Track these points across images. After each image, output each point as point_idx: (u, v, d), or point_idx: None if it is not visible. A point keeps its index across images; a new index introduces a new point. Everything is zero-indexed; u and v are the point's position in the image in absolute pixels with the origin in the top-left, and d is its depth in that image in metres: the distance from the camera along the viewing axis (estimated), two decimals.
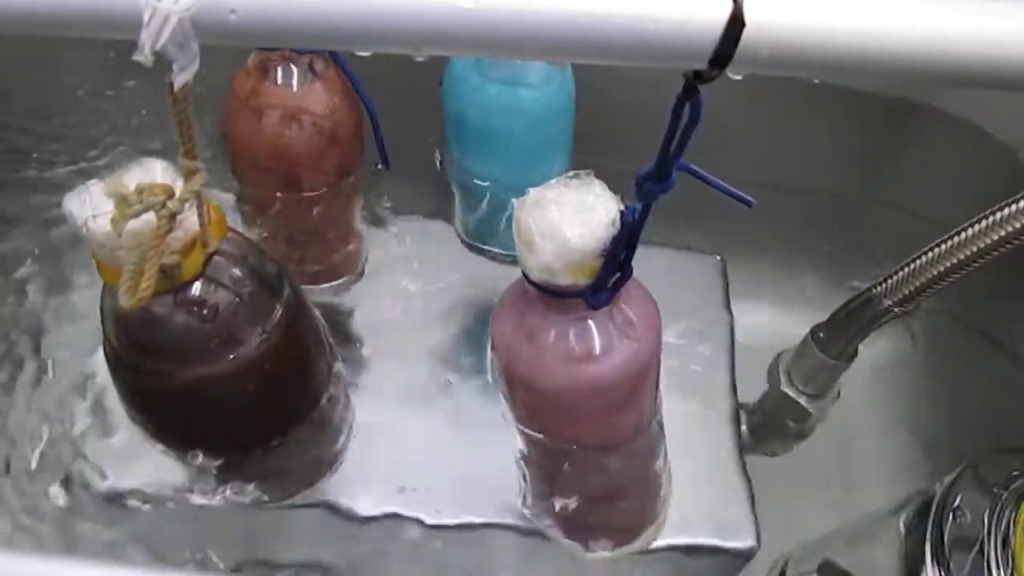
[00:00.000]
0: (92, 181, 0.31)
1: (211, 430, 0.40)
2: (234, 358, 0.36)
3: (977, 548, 0.36)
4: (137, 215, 0.28)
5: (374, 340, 0.55)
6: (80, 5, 0.22)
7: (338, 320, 0.56)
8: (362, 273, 0.57)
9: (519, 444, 0.41)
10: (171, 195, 0.29)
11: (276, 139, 0.46)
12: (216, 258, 0.35)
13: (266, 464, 0.43)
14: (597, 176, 0.32)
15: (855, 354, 0.52)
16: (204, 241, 0.34)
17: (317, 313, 0.43)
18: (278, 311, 0.38)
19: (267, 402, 0.40)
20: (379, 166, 0.50)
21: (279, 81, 0.45)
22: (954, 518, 0.37)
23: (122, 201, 0.28)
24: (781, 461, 0.57)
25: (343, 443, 0.49)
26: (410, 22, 0.21)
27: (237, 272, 0.36)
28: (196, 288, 0.35)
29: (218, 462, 0.42)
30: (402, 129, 0.49)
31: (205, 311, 0.35)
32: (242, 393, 0.38)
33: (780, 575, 0.48)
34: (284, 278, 0.39)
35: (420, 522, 0.48)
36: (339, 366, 0.46)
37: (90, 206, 0.31)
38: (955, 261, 0.42)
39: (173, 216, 0.29)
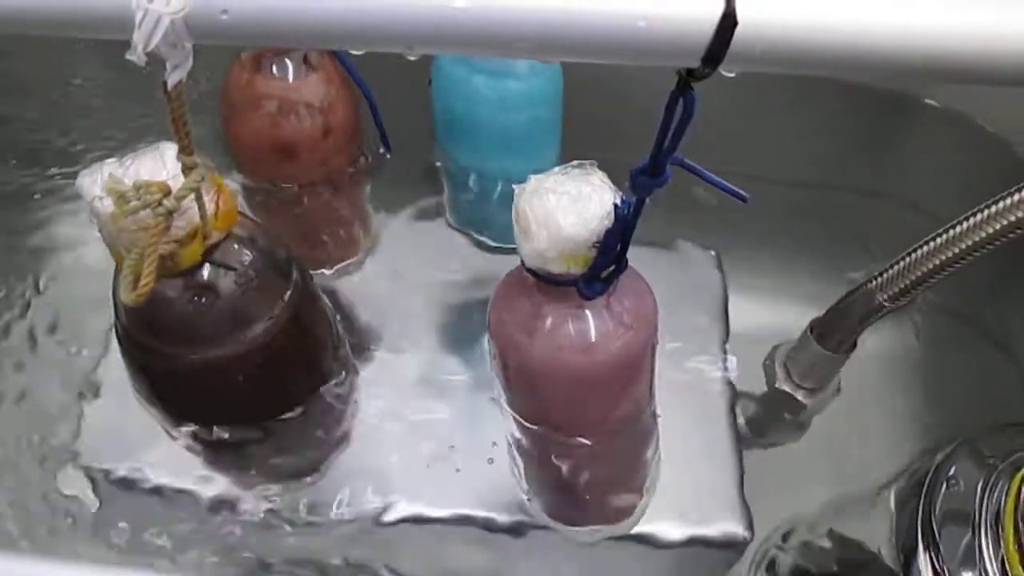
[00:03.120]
0: (109, 160, 0.31)
1: (218, 408, 0.41)
2: (244, 339, 0.37)
3: (969, 520, 0.36)
4: (135, 212, 0.29)
5: (371, 328, 0.55)
6: (74, 6, 0.22)
7: (335, 309, 0.56)
8: (363, 261, 0.57)
9: (512, 428, 0.41)
10: (167, 193, 0.29)
11: (273, 131, 0.46)
12: (226, 243, 0.36)
13: (272, 445, 0.44)
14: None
15: (854, 346, 0.52)
16: (205, 233, 0.34)
17: (324, 297, 0.44)
18: (287, 294, 0.39)
19: (276, 381, 0.41)
20: (380, 151, 0.50)
21: (274, 73, 0.45)
22: (947, 488, 0.37)
23: (120, 198, 0.28)
24: (778, 451, 0.57)
25: (347, 427, 0.49)
26: (403, 22, 0.22)
27: (247, 255, 0.37)
28: (206, 271, 0.36)
29: (224, 439, 0.42)
30: (394, 121, 0.50)
31: (215, 294, 0.36)
32: (252, 373, 0.38)
33: (783, 537, 0.49)
34: (293, 262, 0.40)
35: (416, 512, 0.48)
36: (347, 349, 0.47)
37: (100, 186, 0.31)
38: (951, 255, 0.42)
39: (170, 214, 0.29)
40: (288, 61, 0.45)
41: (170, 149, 0.31)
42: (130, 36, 0.21)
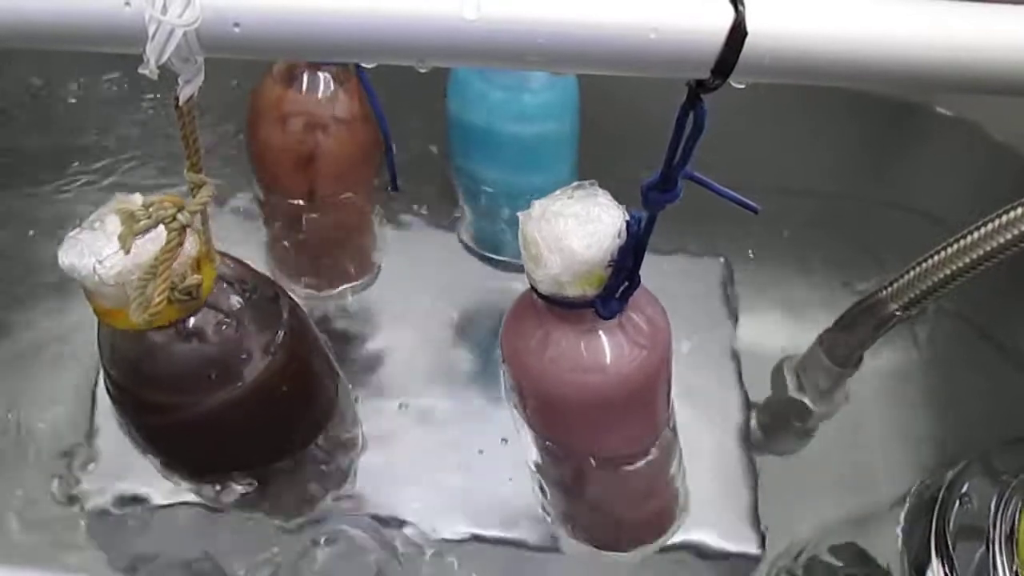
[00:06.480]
0: (74, 230, 0.31)
1: (223, 455, 0.40)
2: (242, 382, 0.36)
3: (983, 537, 0.36)
4: (146, 230, 0.28)
5: (383, 347, 0.55)
6: (86, 19, 0.22)
7: (347, 327, 0.56)
8: (376, 278, 0.57)
9: (533, 454, 0.41)
10: (181, 207, 0.28)
11: (300, 146, 0.46)
12: (216, 282, 0.34)
13: (278, 484, 0.43)
14: (603, 181, 0.32)
15: (861, 359, 0.52)
16: (211, 256, 0.33)
17: (315, 328, 0.43)
18: (281, 330, 0.37)
19: (278, 422, 0.39)
20: (388, 189, 0.50)
21: (304, 89, 0.45)
22: (960, 504, 0.37)
23: (129, 217, 0.28)
24: (790, 462, 0.57)
25: (354, 457, 0.48)
26: (414, 34, 0.22)
27: (236, 295, 0.36)
28: (197, 315, 0.34)
29: (229, 488, 0.41)
30: (411, 135, 0.50)
31: (210, 337, 0.34)
32: (253, 416, 0.37)
33: (796, 556, 0.48)
34: (281, 296, 0.39)
35: (430, 534, 0.48)
36: (343, 380, 0.45)
37: (89, 252, 0.30)
38: (961, 264, 0.41)
39: (184, 229, 0.28)
40: (320, 76, 0.45)
41: (132, 199, 0.30)
42: (142, 49, 0.21)
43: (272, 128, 0.46)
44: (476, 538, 0.48)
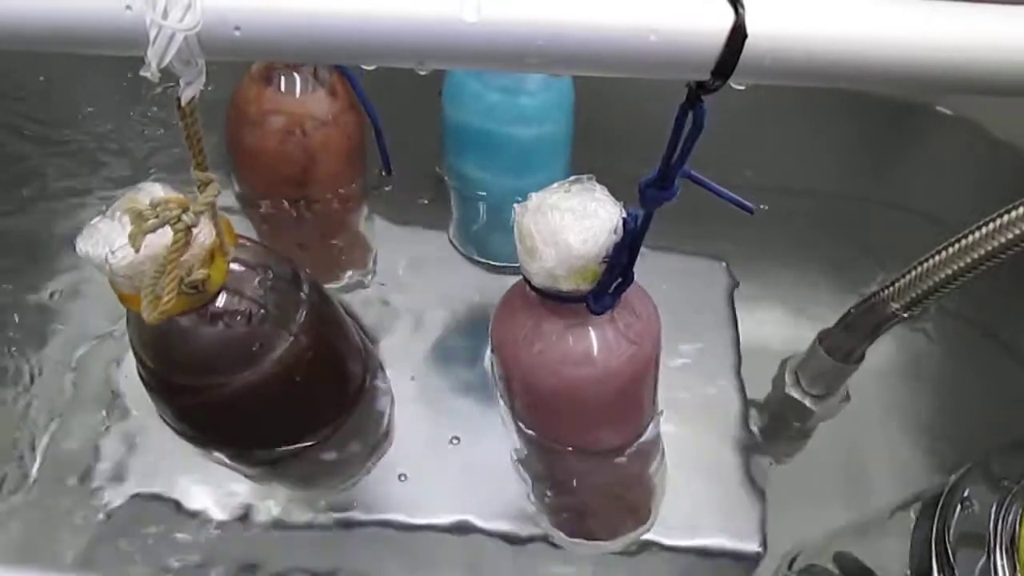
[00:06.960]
0: (96, 218, 0.31)
1: (254, 433, 0.41)
2: (268, 361, 0.36)
3: (984, 544, 0.36)
4: (154, 229, 0.28)
5: (373, 344, 0.55)
6: (87, 23, 0.22)
7: None
8: (363, 278, 0.57)
9: (518, 443, 0.41)
10: (186, 208, 0.29)
11: (280, 146, 0.46)
12: (232, 266, 0.35)
13: (303, 463, 0.44)
14: (600, 180, 0.32)
15: (863, 357, 0.52)
16: (224, 250, 0.34)
17: (340, 307, 0.44)
18: (302, 310, 0.38)
19: (310, 397, 0.40)
20: (382, 172, 0.50)
21: (282, 89, 0.45)
22: (961, 511, 0.37)
23: (138, 217, 0.28)
24: (790, 466, 0.57)
25: (385, 430, 0.49)
26: (414, 37, 0.22)
27: (255, 277, 0.37)
28: (221, 299, 0.35)
29: (260, 464, 0.42)
30: (401, 138, 0.50)
31: (233, 320, 0.35)
32: (284, 392, 0.38)
33: (790, 564, 0.48)
34: (301, 277, 0.39)
35: (420, 523, 0.48)
36: (373, 352, 0.46)
37: (104, 243, 0.31)
38: (963, 264, 0.41)
39: (189, 229, 0.29)
40: (297, 76, 0.45)
41: (155, 188, 0.32)
42: (144, 53, 0.21)
43: (251, 129, 0.46)
44: (469, 530, 0.48)
